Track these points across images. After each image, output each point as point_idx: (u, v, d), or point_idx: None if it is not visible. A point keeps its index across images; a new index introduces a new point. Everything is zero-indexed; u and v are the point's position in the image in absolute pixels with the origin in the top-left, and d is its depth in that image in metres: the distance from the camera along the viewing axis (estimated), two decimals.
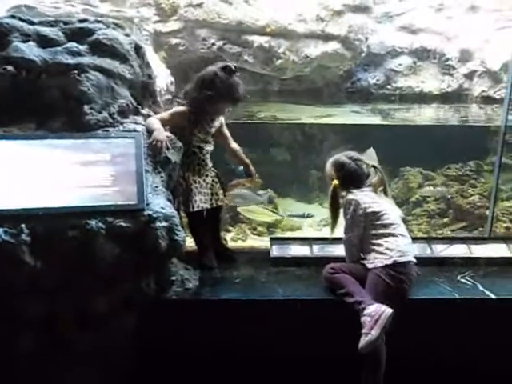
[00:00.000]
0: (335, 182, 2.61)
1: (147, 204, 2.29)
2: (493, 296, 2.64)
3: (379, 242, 2.52)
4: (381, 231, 2.53)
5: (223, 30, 4.37)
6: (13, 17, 2.68)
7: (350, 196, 2.59)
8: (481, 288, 2.72)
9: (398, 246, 2.50)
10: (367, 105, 5.07)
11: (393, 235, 2.53)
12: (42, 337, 2.22)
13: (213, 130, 2.81)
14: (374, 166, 2.68)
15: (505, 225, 4.18)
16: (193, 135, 2.73)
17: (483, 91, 5.19)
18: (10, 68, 2.42)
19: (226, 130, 2.91)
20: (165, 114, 2.70)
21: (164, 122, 2.61)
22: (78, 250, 2.15)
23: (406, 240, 2.57)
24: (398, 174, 4.82)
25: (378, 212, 2.54)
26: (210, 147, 2.83)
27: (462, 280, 2.82)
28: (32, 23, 2.67)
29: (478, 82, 5.24)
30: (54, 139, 2.40)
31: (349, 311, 2.37)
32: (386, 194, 2.67)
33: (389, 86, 5.17)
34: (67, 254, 2.15)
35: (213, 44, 4.37)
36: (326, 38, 4.48)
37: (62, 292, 2.20)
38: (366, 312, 2.31)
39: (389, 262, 2.46)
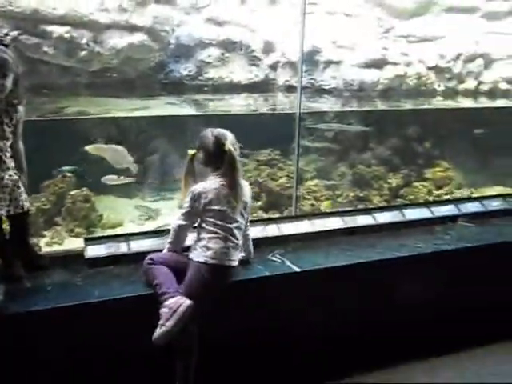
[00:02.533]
0: (191, 151, 2.66)
1: None
2: (297, 269, 2.91)
3: (208, 236, 2.54)
4: (213, 228, 2.53)
5: (17, 19, 4.01)
6: None
7: (195, 185, 2.59)
8: (288, 263, 2.98)
9: (223, 248, 2.54)
10: (181, 96, 5.12)
11: (222, 236, 2.54)
12: None
13: (4, 121, 2.49)
14: (229, 150, 2.55)
15: (309, 202, 4.61)
16: None
17: (286, 81, 5.61)
18: None
19: (19, 128, 2.62)
20: None
21: None
22: None
23: (234, 243, 2.59)
24: None
25: (217, 210, 2.53)
26: (5, 142, 2.50)
27: (273, 258, 3.06)
28: None
29: (282, 72, 5.65)
30: None
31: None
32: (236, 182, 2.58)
33: (201, 77, 5.28)
34: None
35: (6, 34, 3.98)
36: (132, 28, 4.40)
37: None
38: (165, 303, 2.37)
39: (211, 261, 2.51)
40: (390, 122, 5.36)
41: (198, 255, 2.53)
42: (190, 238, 2.70)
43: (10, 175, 2.54)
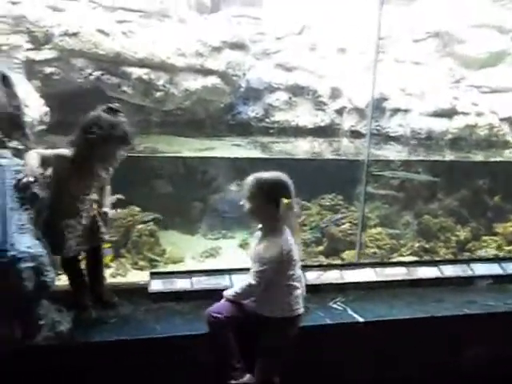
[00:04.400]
0: (286, 200, 2.34)
1: (11, 244, 2.15)
2: (361, 319, 2.83)
3: (286, 291, 2.41)
4: (289, 282, 2.41)
5: (101, 61, 4.29)
6: None
7: (275, 236, 2.37)
8: (350, 312, 2.91)
9: (297, 297, 2.44)
10: (247, 137, 5.25)
11: (296, 287, 2.44)
12: None
13: (98, 182, 2.64)
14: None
15: (372, 250, 4.51)
16: (74, 184, 2.53)
17: (352, 126, 5.63)
18: None
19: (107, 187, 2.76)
20: (48, 152, 2.49)
21: (45, 160, 2.42)
22: None
23: (300, 290, 2.49)
24: None
25: (294, 260, 2.40)
26: (90, 195, 2.63)
27: (334, 306, 2.99)
28: None
29: (347, 118, 5.68)
30: None
31: None
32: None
33: (267, 120, 5.41)
34: None
35: (90, 74, 4.27)
36: (206, 72, 4.60)
37: None
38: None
39: (289, 314, 2.41)
40: (459, 173, 5.22)
41: (274, 310, 2.43)
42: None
43: (91, 211, 2.65)
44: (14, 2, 4.03)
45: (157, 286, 2.98)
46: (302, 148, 5.50)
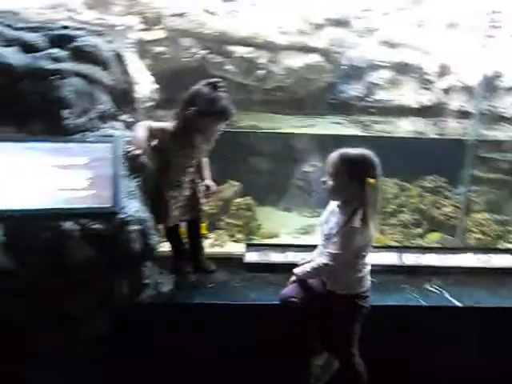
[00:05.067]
0: (371, 180, 2.22)
1: (122, 207, 2.34)
2: (458, 304, 2.72)
3: (358, 269, 2.37)
4: (362, 261, 2.37)
5: (206, 40, 4.44)
6: None
7: (362, 222, 2.24)
8: (447, 296, 2.81)
9: (368, 273, 2.43)
10: (348, 116, 5.17)
11: (366, 263, 2.41)
12: (14, 335, 2.25)
13: (200, 154, 2.78)
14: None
15: (477, 236, 4.28)
16: (176, 155, 2.68)
17: (461, 105, 5.32)
18: None
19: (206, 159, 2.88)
20: (155, 125, 2.65)
21: (151, 132, 2.60)
22: (50, 251, 2.19)
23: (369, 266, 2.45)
24: None
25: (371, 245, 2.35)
26: (192, 167, 2.78)
27: (430, 288, 2.91)
28: (15, 29, 2.72)
29: (456, 97, 5.37)
30: (33, 142, 2.43)
31: None
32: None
33: (369, 99, 5.27)
34: (40, 255, 2.18)
35: (196, 53, 4.45)
36: (307, 50, 4.58)
37: (34, 292, 2.23)
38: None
39: (361, 290, 2.38)
40: None
41: (349, 287, 2.38)
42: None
43: (192, 184, 2.81)
44: None
45: (252, 257, 3.10)
46: (405, 128, 5.31)
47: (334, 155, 2.34)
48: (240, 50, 4.47)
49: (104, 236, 2.27)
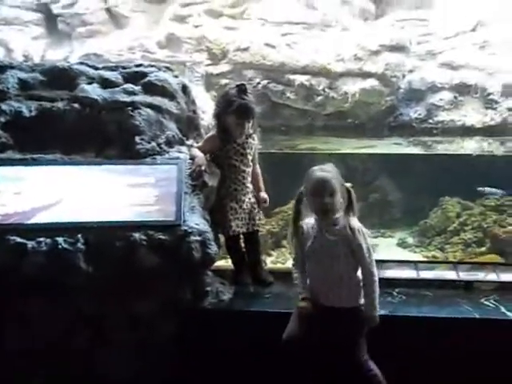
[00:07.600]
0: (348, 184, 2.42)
1: (184, 221, 2.62)
2: None
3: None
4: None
5: (267, 71, 4.75)
6: (81, 63, 3.20)
7: (355, 221, 2.41)
8: (503, 310, 2.80)
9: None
10: (409, 138, 5.23)
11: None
12: (93, 334, 2.56)
13: (247, 151, 2.99)
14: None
15: None
16: (227, 156, 2.95)
17: None
18: (76, 105, 2.89)
19: (255, 155, 3.10)
20: (201, 142, 3.06)
21: (201, 149, 2.95)
22: (123, 258, 2.50)
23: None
24: (437, 203, 4.90)
25: None
26: (246, 168, 3.01)
27: (486, 302, 2.91)
28: (96, 68, 3.16)
29: None
30: (109, 165, 2.82)
31: None
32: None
33: (430, 120, 5.31)
34: (115, 262, 2.50)
35: (258, 83, 4.76)
36: (364, 75, 4.76)
37: (110, 295, 2.54)
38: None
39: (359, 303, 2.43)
40: None
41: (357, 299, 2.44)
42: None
43: (250, 198, 3.06)
44: (197, 25, 4.75)
45: None
46: (469, 147, 5.28)
47: (317, 175, 2.48)
48: (299, 78, 4.73)
49: (168, 246, 2.55)
